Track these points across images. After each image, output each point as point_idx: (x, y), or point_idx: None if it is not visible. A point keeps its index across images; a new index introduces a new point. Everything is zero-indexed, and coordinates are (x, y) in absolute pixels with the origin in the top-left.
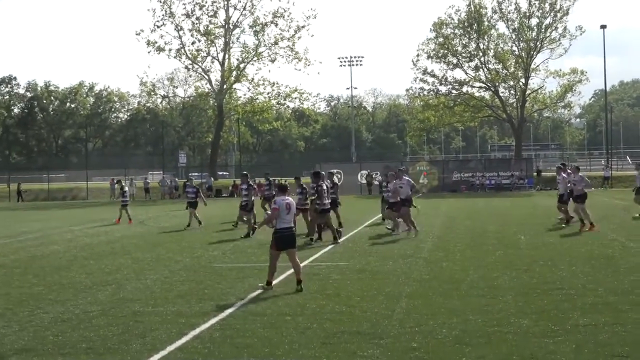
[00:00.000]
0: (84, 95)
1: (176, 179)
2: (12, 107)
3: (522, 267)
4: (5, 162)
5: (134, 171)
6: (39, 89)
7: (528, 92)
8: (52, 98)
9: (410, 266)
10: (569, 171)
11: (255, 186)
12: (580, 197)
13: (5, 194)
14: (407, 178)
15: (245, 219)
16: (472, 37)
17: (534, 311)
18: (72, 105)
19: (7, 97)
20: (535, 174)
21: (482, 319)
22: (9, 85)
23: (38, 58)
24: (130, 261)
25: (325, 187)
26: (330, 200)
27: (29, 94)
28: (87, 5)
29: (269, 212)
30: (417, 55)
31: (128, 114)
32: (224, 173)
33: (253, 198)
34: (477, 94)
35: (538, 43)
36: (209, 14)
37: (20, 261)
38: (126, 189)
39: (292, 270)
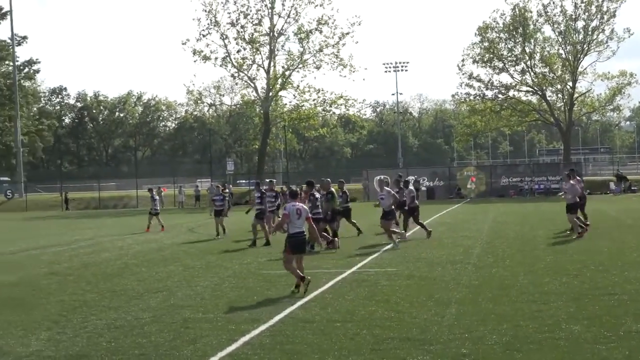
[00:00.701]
0: (133, 105)
1: (230, 185)
2: (63, 117)
3: (573, 273)
4: (58, 171)
5: (182, 179)
6: (88, 99)
7: (576, 95)
8: (101, 108)
9: (460, 272)
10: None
11: (281, 194)
12: (571, 206)
13: (58, 202)
14: (387, 189)
15: (259, 227)
16: (517, 40)
17: (585, 317)
18: (121, 115)
19: (58, 107)
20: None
21: (532, 325)
22: (60, 96)
23: (87, 69)
24: (181, 268)
25: (317, 196)
26: (342, 209)
27: (79, 104)
28: (134, 17)
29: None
30: (463, 60)
31: (176, 122)
32: (272, 180)
33: (266, 206)
34: (524, 98)
35: (585, 46)
36: (254, 22)
37: (73, 268)
38: (156, 197)
39: (340, 277)
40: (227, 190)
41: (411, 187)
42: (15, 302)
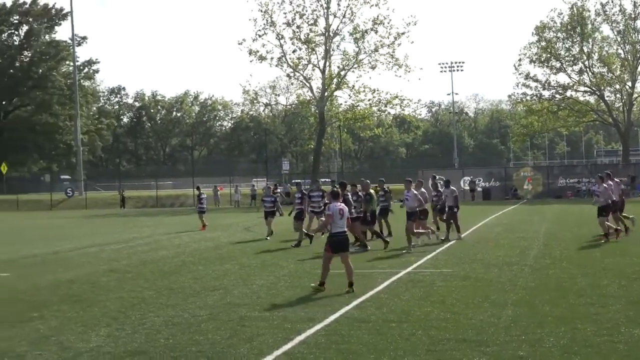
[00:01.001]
0: (190, 104)
1: (287, 185)
2: (122, 117)
3: (632, 276)
4: (116, 169)
5: (239, 178)
6: (146, 98)
7: (635, 95)
8: (159, 107)
9: (516, 273)
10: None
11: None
12: (602, 209)
13: (116, 200)
14: (414, 191)
15: (296, 228)
16: (575, 40)
17: None
18: (178, 114)
19: (117, 106)
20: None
21: (590, 328)
22: (119, 96)
23: (145, 69)
24: (237, 267)
25: (350, 197)
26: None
27: (137, 104)
28: (191, 17)
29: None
30: (519, 60)
31: (232, 122)
32: (327, 180)
33: (306, 207)
34: (581, 98)
35: None
36: (309, 23)
37: (132, 266)
38: (203, 196)
39: (395, 278)
40: (277, 191)
41: (452, 187)
42: (75, 298)
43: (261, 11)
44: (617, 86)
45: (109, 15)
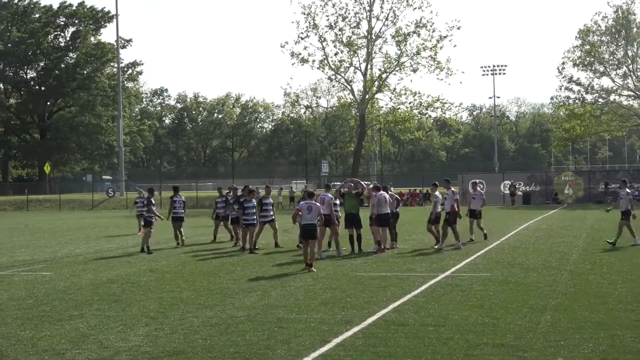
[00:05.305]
0: (231, 106)
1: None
2: (164, 118)
3: None
4: (157, 170)
5: (278, 180)
6: (188, 100)
7: None
8: (200, 109)
9: (555, 278)
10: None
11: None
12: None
13: (157, 201)
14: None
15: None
16: (619, 44)
17: None
18: (220, 116)
19: (159, 108)
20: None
21: (630, 334)
22: (161, 97)
23: (188, 71)
24: (275, 268)
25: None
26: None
27: (179, 105)
28: (234, 20)
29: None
30: (563, 63)
31: (272, 124)
32: (366, 183)
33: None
34: (625, 103)
35: None
36: (352, 25)
37: (171, 266)
38: (140, 199)
39: (433, 281)
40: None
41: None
42: (115, 297)
43: (304, 14)
44: None
45: (156, 17)
